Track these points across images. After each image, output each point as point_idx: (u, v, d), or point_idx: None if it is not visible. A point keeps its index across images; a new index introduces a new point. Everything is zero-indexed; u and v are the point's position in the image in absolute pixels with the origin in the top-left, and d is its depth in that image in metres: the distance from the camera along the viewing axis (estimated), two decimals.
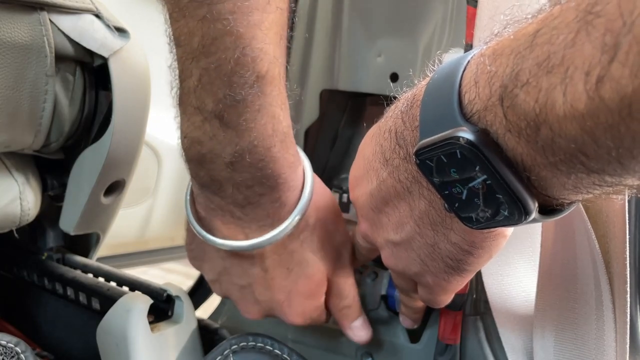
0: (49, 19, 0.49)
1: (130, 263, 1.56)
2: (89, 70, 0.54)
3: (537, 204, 0.29)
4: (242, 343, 0.46)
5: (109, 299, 0.52)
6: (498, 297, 0.47)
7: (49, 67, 0.49)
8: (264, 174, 0.42)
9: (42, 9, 0.48)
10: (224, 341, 0.46)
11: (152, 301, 0.49)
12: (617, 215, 0.40)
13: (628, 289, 0.40)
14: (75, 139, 0.56)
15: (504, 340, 0.48)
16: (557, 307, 0.43)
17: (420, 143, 0.31)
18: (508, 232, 0.36)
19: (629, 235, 0.40)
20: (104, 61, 0.52)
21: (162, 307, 0.51)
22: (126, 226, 1.50)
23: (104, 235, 0.64)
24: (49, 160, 0.57)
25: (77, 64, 0.53)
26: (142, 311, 0.48)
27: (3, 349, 0.44)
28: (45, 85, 0.49)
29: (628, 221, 0.40)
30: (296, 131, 0.59)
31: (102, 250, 0.67)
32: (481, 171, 0.28)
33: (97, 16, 0.53)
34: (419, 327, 0.53)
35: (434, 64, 0.34)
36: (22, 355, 0.44)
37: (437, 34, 0.52)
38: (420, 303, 0.49)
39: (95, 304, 0.56)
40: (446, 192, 0.31)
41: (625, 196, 0.32)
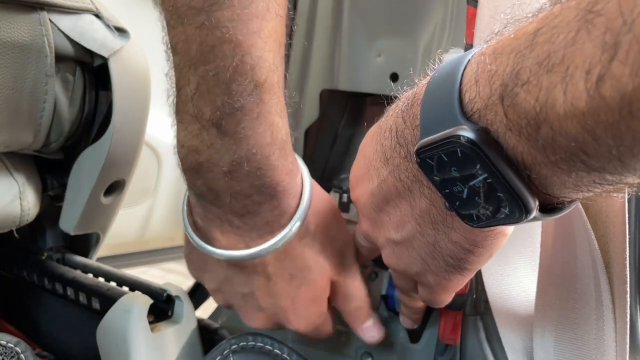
0: (49, 19, 0.49)
1: (130, 263, 1.56)
2: (89, 70, 0.54)
3: (537, 203, 0.29)
4: (242, 343, 0.46)
5: (109, 299, 0.52)
6: (498, 297, 0.47)
7: (49, 67, 0.49)
8: (263, 183, 0.41)
9: (42, 8, 0.48)
10: (224, 341, 0.46)
11: (152, 301, 0.49)
12: (617, 215, 0.40)
13: (628, 289, 0.40)
14: (75, 139, 0.56)
15: (504, 340, 0.48)
16: (557, 307, 0.43)
17: (421, 142, 0.31)
18: (508, 230, 0.36)
19: (628, 235, 0.40)
20: (104, 61, 0.52)
21: (162, 307, 0.51)
22: (126, 226, 1.51)
23: (104, 235, 0.64)
24: (49, 160, 0.57)
25: (77, 64, 0.53)
26: (142, 311, 0.48)
27: (3, 349, 0.44)
28: (45, 85, 0.49)
29: (628, 221, 0.40)
30: (296, 133, 0.59)
31: (102, 250, 0.67)
32: (482, 170, 0.28)
33: (97, 16, 0.53)
34: (419, 327, 0.53)
35: (434, 64, 0.34)
36: (22, 355, 0.44)
37: (437, 34, 0.52)
38: (420, 303, 0.49)
39: (95, 304, 0.56)
40: (447, 190, 0.32)
41: (625, 196, 0.32)
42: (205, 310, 0.67)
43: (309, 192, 0.45)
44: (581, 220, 0.41)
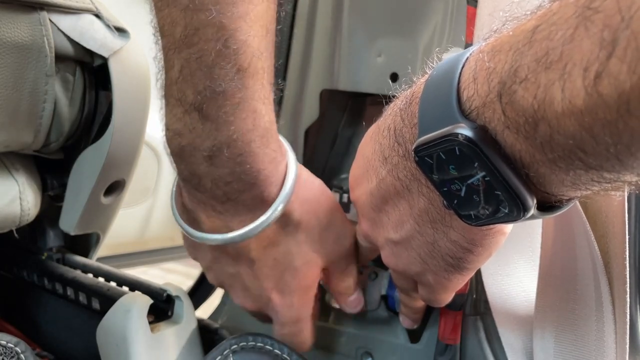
0: (49, 19, 0.49)
1: (130, 263, 1.56)
2: (89, 70, 0.54)
3: (535, 201, 0.29)
4: (242, 343, 0.46)
5: (109, 299, 0.52)
6: (498, 297, 0.47)
7: (49, 67, 0.49)
8: (243, 169, 0.41)
9: (42, 8, 0.48)
10: (224, 341, 0.46)
11: (152, 301, 0.49)
12: (617, 215, 0.40)
13: (628, 290, 0.40)
14: (75, 139, 0.56)
15: (504, 340, 0.47)
16: (557, 308, 0.43)
17: (419, 140, 0.31)
18: (507, 229, 0.36)
19: (628, 235, 0.40)
20: (104, 61, 0.52)
21: (162, 307, 0.51)
22: (126, 226, 1.51)
23: (104, 235, 0.64)
24: (49, 160, 0.57)
25: (77, 64, 0.53)
26: (142, 311, 0.48)
27: (3, 349, 0.44)
28: (45, 85, 0.49)
29: (627, 221, 0.40)
30: (296, 131, 0.59)
31: (102, 250, 0.67)
32: (480, 168, 0.28)
33: (97, 16, 0.53)
34: (419, 327, 0.53)
35: (433, 63, 0.34)
36: (22, 355, 0.44)
37: (437, 34, 0.52)
38: (420, 303, 0.49)
39: (95, 304, 0.56)
40: (445, 189, 0.31)
41: (625, 196, 0.32)
42: (205, 310, 0.67)
43: (292, 180, 0.44)
44: (581, 221, 0.41)
